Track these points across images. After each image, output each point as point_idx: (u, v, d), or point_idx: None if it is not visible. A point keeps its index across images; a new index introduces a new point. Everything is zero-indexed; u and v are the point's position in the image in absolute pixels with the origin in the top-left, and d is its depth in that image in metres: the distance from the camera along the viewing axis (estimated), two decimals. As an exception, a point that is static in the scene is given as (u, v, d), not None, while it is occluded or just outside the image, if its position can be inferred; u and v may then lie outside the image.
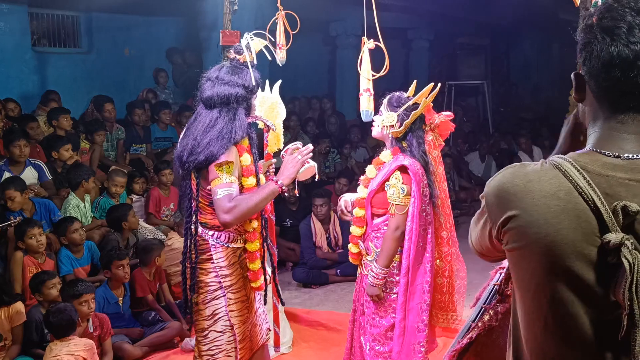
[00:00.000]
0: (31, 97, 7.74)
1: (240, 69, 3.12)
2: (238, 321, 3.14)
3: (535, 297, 1.37)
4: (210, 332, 3.11)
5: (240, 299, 3.16)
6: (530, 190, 1.34)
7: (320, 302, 5.78)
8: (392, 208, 3.32)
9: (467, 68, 13.38)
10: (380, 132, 3.44)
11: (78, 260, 5.12)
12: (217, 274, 3.09)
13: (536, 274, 1.34)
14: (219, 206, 2.89)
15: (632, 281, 1.22)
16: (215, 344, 3.11)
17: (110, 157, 7.33)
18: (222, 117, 3.03)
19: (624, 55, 1.28)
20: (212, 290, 3.09)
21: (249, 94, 3.10)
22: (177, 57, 9.70)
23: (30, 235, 4.72)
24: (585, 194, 1.28)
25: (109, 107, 7.41)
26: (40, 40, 8.39)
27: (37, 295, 4.46)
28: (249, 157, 3.09)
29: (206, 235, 3.10)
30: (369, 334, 3.47)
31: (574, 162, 1.33)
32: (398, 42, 12.97)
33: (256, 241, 3.17)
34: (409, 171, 3.26)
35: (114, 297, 4.82)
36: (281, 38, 4.25)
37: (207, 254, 3.10)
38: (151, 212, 6.51)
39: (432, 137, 3.45)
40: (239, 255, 3.15)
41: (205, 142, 2.97)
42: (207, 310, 3.10)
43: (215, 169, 2.93)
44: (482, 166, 10.01)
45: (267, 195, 2.99)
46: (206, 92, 3.09)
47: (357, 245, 3.53)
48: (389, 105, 3.40)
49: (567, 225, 1.29)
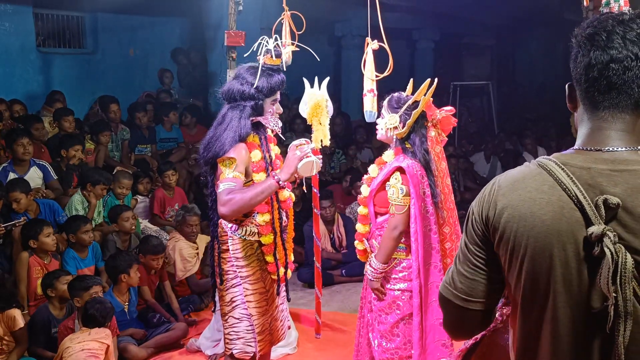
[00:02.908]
0: (36, 97, 7.76)
1: (259, 69, 3.20)
2: (256, 312, 3.29)
3: (525, 291, 1.42)
4: (229, 317, 3.32)
5: (258, 291, 3.30)
6: (517, 188, 1.42)
7: (326, 303, 5.77)
8: (392, 208, 3.34)
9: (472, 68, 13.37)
10: (384, 135, 3.46)
11: (83, 260, 5.15)
12: (234, 264, 3.28)
13: (525, 267, 1.39)
14: (218, 199, 3.06)
15: (615, 272, 1.27)
16: (234, 330, 3.30)
17: (115, 157, 7.35)
18: (229, 113, 3.20)
19: (600, 59, 1.37)
20: (230, 279, 3.29)
21: (258, 94, 3.18)
22: (182, 57, 9.72)
23: (46, 234, 4.76)
24: (568, 189, 1.34)
25: (114, 107, 7.43)
26: (45, 40, 8.42)
27: (49, 291, 4.48)
28: (259, 153, 3.22)
29: (226, 227, 3.30)
30: (377, 330, 3.49)
31: (557, 160, 1.40)
32: (403, 43, 12.96)
33: (269, 234, 3.30)
34: (407, 173, 3.29)
35: (120, 304, 4.83)
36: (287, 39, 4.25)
37: (226, 245, 3.30)
38: (156, 213, 6.53)
39: (435, 132, 3.45)
40: (255, 248, 3.30)
41: (215, 138, 3.16)
42: (227, 297, 3.31)
43: (219, 165, 3.11)
44: (488, 167, 9.98)
45: (263, 190, 3.08)
46: (224, 87, 3.30)
47: (363, 243, 3.56)
48: (389, 107, 3.41)
49: (551, 216, 1.35)
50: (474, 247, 1.51)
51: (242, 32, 4.65)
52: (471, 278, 1.52)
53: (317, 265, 4.26)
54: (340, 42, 11.66)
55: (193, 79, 9.74)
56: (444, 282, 1.61)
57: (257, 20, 7.92)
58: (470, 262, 1.53)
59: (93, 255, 5.25)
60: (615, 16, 1.41)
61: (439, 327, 3.33)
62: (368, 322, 3.58)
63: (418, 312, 3.34)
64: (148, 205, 6.61)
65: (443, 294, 1.59)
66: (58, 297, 4.48)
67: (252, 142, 3.22)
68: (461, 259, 1.56)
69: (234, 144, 3.10)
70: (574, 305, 1.35)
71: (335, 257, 6.59)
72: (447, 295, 1.57)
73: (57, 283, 4.45)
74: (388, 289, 3.43)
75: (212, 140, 3.17)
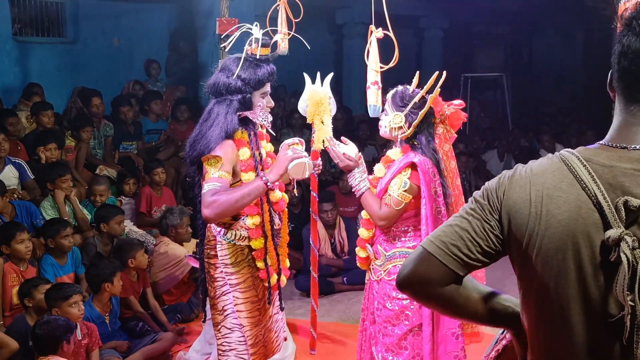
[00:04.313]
0: (12, 90, 7.73)
1: (245, 60, 3.20)
2: (248, 322, 3.29)
3: (538, 295, 1.42)
4: (222, 327, 3.32)
5: (249, 299, 3.30)
6: (535, 182, 1.41)
7: (326, 313, 5.77)
8: (388, 198, 3.30)
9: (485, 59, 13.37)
10: (388, 134, 3.44)
11: (62, 267, 5.13)
12: (222, 270, 3.28)
13: (538, 269, 1.39)
14: (202, 200, 3.06)
15: (632, 279, 1.26)
16: (227, 341, 3.31)
17: (98, 155, 7.33)
18: (215, 108, 3.20)
19: (634, 47, 1.36)
20: (219, 286, 3.29)
21: (246, 86, 3.18)
22: (183, 44, 9.67)
23: (19, 240, 4.73)
24: (587, 188, 1.34)
25: (97, 101, 7.41)
26: (22, 29, 8.40)
27: (27, 301, 4.46)
28: (247, 151, 3.20)
29: (214, 231, 3.31)
30: (381, 343, 3.47)
31: (580, 155, 1.39)
32: (409, 31, 12.97)
33: (260, 238, 3.29)
34: (419, 169, 3.26)
35: (100, 316, 4.81)
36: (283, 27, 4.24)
37: (214, 250, 3.30)
38: (142, 211, 6.53)
39: (443, 129, 3.44)
40: (246, 254, 3.29)
41: (200, 136, 3.16)
42: (218, 305, 3.31)
43: (204, 164, 3.10)
44: (501, 165, 9.97)
45: (250, 191, 3.06)
46: (209, 80, 3.27)
47: (365, 249, 3.53)
48: (393, 104, 3.39)
49: (567, 216, 1.35)
50: (478, 215, 1.50)
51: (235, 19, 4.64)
52: (460, 233, 1.50)
53: (314, 275, 4.25)
54: (341, 30, 11.65)
55: (181, 69, 9.73)
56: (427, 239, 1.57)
57: (252, 6, 7.91)
58: (466, 220, 1.51)
59: (72, 262, 5.23)
60: None
61: (452, 339, 3.32)
62: (371, 335, 3.56)
63: (429, 323, 3.32)
64: (134, 206, 6.60)
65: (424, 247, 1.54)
66: (36, 307, 4.45)
67: (241, 139, 3.21)
68: (452, 220, 1.54)
69: (219, 141, 3.09)
70: (589, 313, 1.35)
71: (335, 264, 6.58)
72: (425, 245, 1.54)
73: (35, 292, 4.43)
74: (395, 297, 3.39)
75: (198, 138, 3.16)
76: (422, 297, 1.58)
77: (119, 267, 4.91)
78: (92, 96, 7.45)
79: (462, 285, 1.54)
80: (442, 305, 1.58)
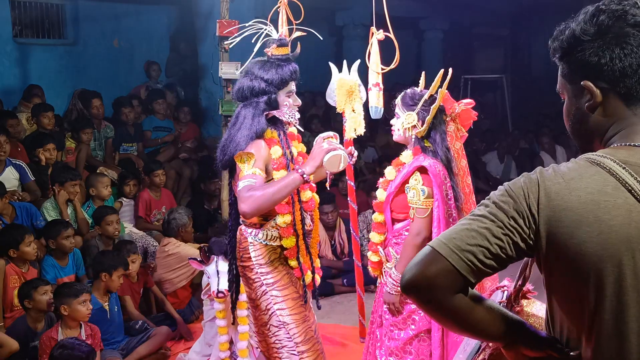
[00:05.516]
0: (12, 92, 7.74)
1: (265, 62, 3.26)
2: (292, 320, 3.30)
3: (588, 305, 1.37)
4: (270, 326, 3.33)
5: (290, 296, 3.31)
6: (575, 188, 1.35)
7: (326, 315, 5.77)
8: (412, 212, 3.29)
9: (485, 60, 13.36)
10: (402, 136, 3.41)
11: (63, 269, 5.14)
12: (257, 271, 3.30)
13: (589, 278, 1.34)
14: (238, 197, 3.08)
15: None
16: (277, 339, 3.32)
17: (98, 157, 7.34)
18: (242, 111, 3.24)
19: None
20: (257, 287, 3.31)
21: (269, 87, 3.21)
22: (183, 45, 9.68)
23: (27, 243, 4.75)
24: (634, 191, 1.31)
25: (97, 102, 7.42)
26: (23, 30, 8.40)
27: (27, 302, 4.46)
28: (279, 150, 3.23)
29: (246, 233, 3.33)
30: (385, 347, 3.46)
31: (613, 157, 1.36)
32: (409, 33, 12.97)
33: (291, 237, 3.29)
34: (429, 172, 3.24)
35: (98, 302, 4.80)
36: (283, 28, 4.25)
37: (247, 252, 3.32)
38: (141, 215, 6.53)
39: (454, 127, 3.43)
40: (279, 253, 3.32)
41: (229, 139, 3.21)
42: (262, 305, 3.32)
43: (237, 162, 3.12)
44: (501, 167, 9.99)
45: (286, 184, 3.06)
46: (234, 86, 3.33)
47: (377, 253, 3.51)
48: (403, 105, 3.38)
49: (620, 221, 1.31)
50: (500, 220, 1.41)
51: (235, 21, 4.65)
52: (476, 238, 1.41)
53: (357, 263, 4.22)
54: (341, 31, 11.66)
55: (181, 70, 9.74)
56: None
57: (252, 8, 7.92)
58: (483, 224, 1.42)
59: (74, 263, 5.24)
60: None
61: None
62: (377, 338, 3.54)
63: (439, 328, 3.30)
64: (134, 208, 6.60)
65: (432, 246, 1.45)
66: (36, 308, 4.46)
67: (272, 139, 3.24)
68: (467, 222, 1.45)
69: (249, 141, 3.14)
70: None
71: (336, 265, 6.58)
72: (436, 246, 1.44)
73: (34, 294, 4.44)
74: (403, 301, 3.37)
75: (227, 142, 3.21)
76: (428, 303, 1.46)
77: (121, 264, 4.91)
78: (93, 98, 7.45)
79: (469, 295, 1.46)
80: (447, 314, 1.47)
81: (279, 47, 3.28)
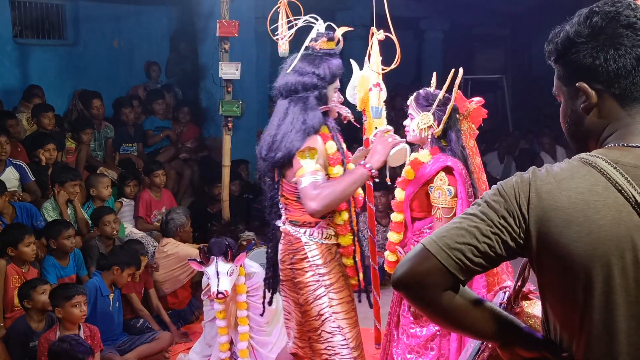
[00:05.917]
0: (12, 92, 7.72)
1: (314, 56, 3.20)
2: (347, 324, 3.20)
3: (575, 303, 1.38)
4: (322, 332, 3.20)
5: (344, 300, 3.22)
6: (566, 188, 1.37)
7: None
8: (439, 212, 3.27)
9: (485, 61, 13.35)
10: (417, 136, 3.41)
11: (64, 268, 5.14)
12: (315, 272, 3.17)
13: (578, 278, 1.35)
14: (305, 195, 2.97)
15: None
16: (331, 345, 3.19)
17: (98, 157, 7.34)
18: (291, 107, 3.13)
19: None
20: (312, 290, 3.18)
21: (321, 82, 3.15)
22: (183, 45, 9.68)
23: (27, 243, 4.75)
24: (624, 191, 1.32)
25: (97, 103, 7.43)
26: (23, 31, 8.39)
27: (26, 302, 4.46)
28: (334, 145, 3.16)
29: (298, 233, 3.20)
30: (404, 345, 3.44)
31: (606, 157, 1.36)
32: (410, 33, 12.96)
33: (348, 234, 3.22)
34: (455, 172, 3.25)
35: (107, 290, 4.89)
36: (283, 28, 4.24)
37: (302, 253, 3.19)
38: (141, 216, 6.53)
39: (467, 126, 3.44)
40: (334, 252, 3.23)
41: (280, 136, 3.09)
42: (313, 310, 3.19)
43: (298, 158, 3.01)
44: (501, 167, 9.98)
45: (355, 180, 3.02)
46: (278, 81, 3.21)
47: (396, 253, 3.49)
48: (418, 106, 3.38)
49: (609, 220, 1.32)
50: (490, 219, 1.42)
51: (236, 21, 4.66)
52: (466, 237, 1.43)
53: (373, 265, 4.20)
54: (341, 32, 11.64)
55: (181, 70, 9.73)
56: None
57: (252, 8, 7.92)
58: (474, 223, 1.44)
59: (74, 263, 5.24)
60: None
61: None
62: (392, 338, 3.53)
63: None
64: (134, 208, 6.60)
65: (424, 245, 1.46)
66: (35, 308, 4.46)
67: (324, 134, 3.16)
68: (458, 221, 1.47)
69: (306, 137, 3.05)
70: (634, 318, 1.33)
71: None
72: (427, 244, 1.46)
73: (34, 293, 4.43)
74: None
75: (278, 139, 3.10)
76: (418, 299, 1.49)
77: (135, 263, 4.97)
78: (93, 98, 7.46)
79: (460, 293, 1.47)
80: (438, 312, 1.49)
81: (328, 41, 3.24)
